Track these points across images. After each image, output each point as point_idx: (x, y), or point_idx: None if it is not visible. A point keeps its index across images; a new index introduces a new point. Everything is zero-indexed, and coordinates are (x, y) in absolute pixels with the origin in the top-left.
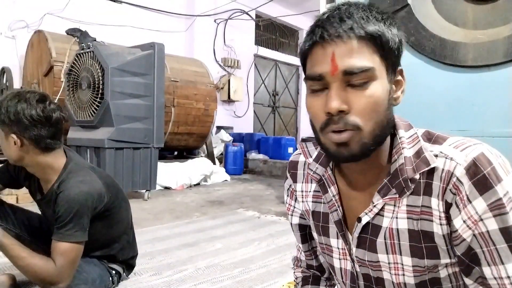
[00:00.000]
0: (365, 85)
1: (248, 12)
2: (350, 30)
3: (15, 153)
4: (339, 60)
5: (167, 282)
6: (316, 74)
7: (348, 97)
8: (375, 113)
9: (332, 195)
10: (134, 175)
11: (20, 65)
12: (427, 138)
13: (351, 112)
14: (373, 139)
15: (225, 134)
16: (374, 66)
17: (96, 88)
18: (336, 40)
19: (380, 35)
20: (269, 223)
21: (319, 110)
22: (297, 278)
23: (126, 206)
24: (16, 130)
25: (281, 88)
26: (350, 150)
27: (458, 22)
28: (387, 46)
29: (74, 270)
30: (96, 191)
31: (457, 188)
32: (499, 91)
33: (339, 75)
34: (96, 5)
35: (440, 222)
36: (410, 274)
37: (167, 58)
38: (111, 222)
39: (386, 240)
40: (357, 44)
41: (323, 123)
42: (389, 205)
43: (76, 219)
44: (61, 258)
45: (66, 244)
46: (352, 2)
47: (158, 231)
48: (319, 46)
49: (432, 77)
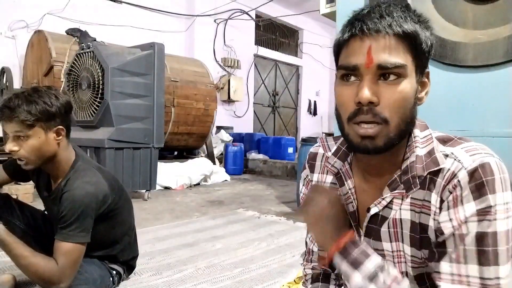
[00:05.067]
0: (396, 81)
1: (248, 12)
2: (388, 27)
3: (53, 148)
4: (375, 54)
5: (167, 282)
6: (351, 64)
7: (379, 90)
8: (403, 108)
9: (348, 188)
10: (134, 175)
11: (20, 65)
12: (444, 140)
13: (380, 105)
14: (398, 134)
15: (225, 134)
16: (407, 64)
17: (96, 88)
18: (375, 34)
19: (415, 35)
20: (269, 223)
21: (349, 99)
22: (306, 274)
23: (128, 208)
24: (62, 123)
25: (281, 88)
26: (375, 144)
27: (458, 22)
28: (420, 47)
29: (75, 270)
30: (101, 193)
31: (455, 188)
32: (499, 91)
33: (373, 68)
34: (96, 5)
35: (434, 217)
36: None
37: (167, 58)
38: (113, 223)
39: (390, 229)
40: (393, 41)
41: (351, 113)
42: (397, 199)
43: (80, 220)
44: (64, 258)
45: (69, 244)
46: (392, 2)
47: (158, 231)
48: (358, 38)
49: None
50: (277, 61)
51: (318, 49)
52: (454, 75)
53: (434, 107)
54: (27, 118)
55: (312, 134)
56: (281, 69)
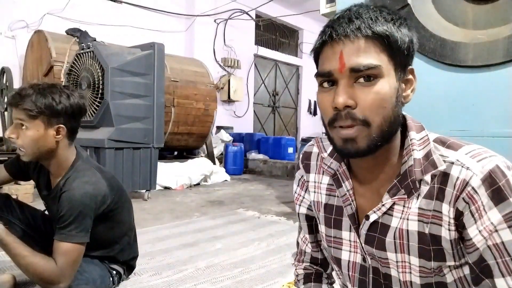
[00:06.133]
0: (371, 82)
1: (248, 12)
2: (357, 30)
3: (51, 144)
4: (346, 58)
5: (167, 282)
6: (326, 71)
7: (355, 93)
8: (382, 109)
9: (346, 189)
10: (134, 175)
11: (20, 65)
12: (441, 141)
13: (358, 108)
14: (380, 135)
15: (225, 134)
16: (381, 64)
17: (96, 88)
18: (344, 39)
19: (387, 35)
20: (269, 223)
21: (328, 105)
22: (298, 275)
23: (128, 207)
24: (66, 122)
25: (281, 88)
26: (356, 146)
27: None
28: (395, 46)
29: (75, 270)
30: (100, 193)
31: (472, 197)
32: (499, 91)
33: (347, 72)
34: (96, 5)
35: (448, 228)
36: (416, 273)
37: (167, 58)
38: (112, 223)
39: (396, 240)
40: (364, 43)
41: (331, 118)
42: (398, 205)
43: (79, 220)
44: (63, 258)
45: (68, 244)
46: (364, 4)
47: (158, 231)
48: (329, 45)
49: (432, 77)
50: (277, 61)
51: None
52: (454, 75)
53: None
54: (31, 109)
55: (312, 134)
56: (281, 69)
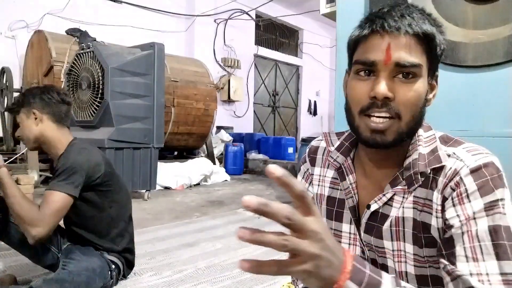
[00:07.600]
0: (411, 79)
1: (248, 12)
2: (409, 26)
3: (36, 129)
4: (394, 51)
5: (167, 282)
6: (369, 60)
7: (395, 87)
8: (415, 106)
9: (349, 183)
10: (134, 175)
11: (20, 65)
12: (445, 140)
13: (395, 101)
14: (407, 131)
15: (225, 134)
16: (422, 65)
17: (96, 88)
18: (395, 32)
19: (433, 37)
20: (269, 223)
21: (363, 94)
22: None
23: (125, 191)
24: (38, 107)
25: (281, 88)
26: (384, 138)
27: (458, 22)
28: (435, 49)
29: (55, 221)
30: (94, 159)
31: (457, 184)
32: (499, 91)
33: (391, 66)
34: (96, 5)
35: (436, 215)
36: (411, 262)
37: (167, 58)
38: (108, 200)
39: (392, 228)
40: (412, 41)
41: (364, 106)
42: (398, 196)
43: (68, 172)
44: (46, 205)
45: (55, 192)
46: (410, 4)
47: (158, 231)
48: (378, 35)
49: None
50: (277, 61)
51: (318, 49)
52: (454, 75)
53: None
54: (13, 107)
55: (312, 134)
56: (281, 69)
